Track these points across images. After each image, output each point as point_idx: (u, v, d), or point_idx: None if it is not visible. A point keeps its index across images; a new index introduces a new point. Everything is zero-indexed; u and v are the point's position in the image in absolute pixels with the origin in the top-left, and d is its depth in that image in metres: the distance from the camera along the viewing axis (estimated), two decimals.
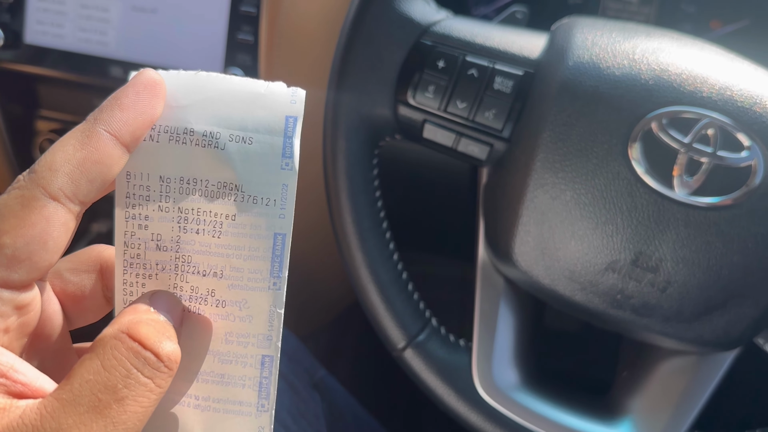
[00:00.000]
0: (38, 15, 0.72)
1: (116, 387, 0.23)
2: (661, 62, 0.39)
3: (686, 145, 0.37)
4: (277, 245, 0.27)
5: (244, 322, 0.27)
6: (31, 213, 0.23)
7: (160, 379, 0.24)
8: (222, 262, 0.27)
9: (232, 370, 0.28)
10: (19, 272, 0.23)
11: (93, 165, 0.24)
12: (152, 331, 0.24)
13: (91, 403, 0.22)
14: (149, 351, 0.23)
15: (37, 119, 0.81)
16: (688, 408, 0.43)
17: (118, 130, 0.25)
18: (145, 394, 0.23)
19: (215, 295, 0.27)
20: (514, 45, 0.42)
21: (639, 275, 0.39)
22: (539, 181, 0.39)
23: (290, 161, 0.27)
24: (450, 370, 0.45)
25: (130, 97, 0.25)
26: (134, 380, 0.23)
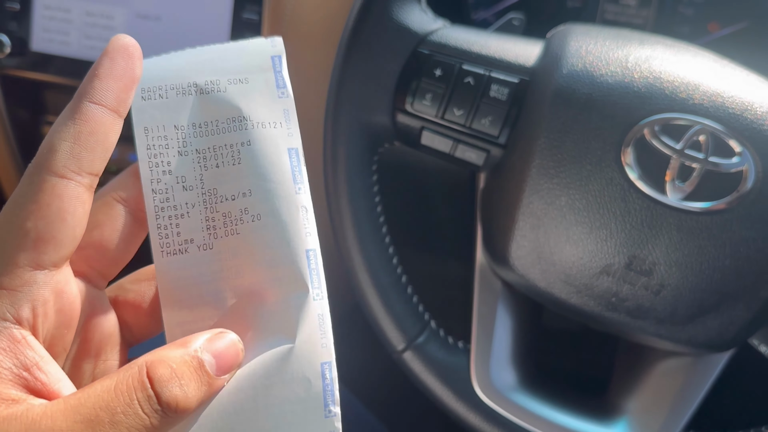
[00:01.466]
0: (44, 23, 0.74)
1: (116, 410, 0.23)
2: (653, 70, 0.39)
3: (678, 151, 0.38)
4: (292, 158, 0.29)
5: (280, 227, 0.29)
6: (44, 195, 0.24)
7: (156, 420, 0.24)
8: (247, 183, 0.29)
9: (282, 272, 0.29)
10: (48, 252, 0.24)
11: (88, 136, 0.25)
12: (167, 373, 0.24)
13: (88, 416, 0.23)
14: (153, 391, 0.24)
15: (44, 125, 0.82)
16: (683, 408, 0.43)
17: (101, 98, 0.26)
18: (139, 428, 0.23)
19: (249, 212, 0.28)
20: (510, 53, 0.43)
21: (633, 278, 0.39)
22: (535, 187, 0.40)
23: (285, 90, 0.30)
24: (448, 371, 0.46)
25: (105, 66, 0.26)
26: (133, 411, 0.23)
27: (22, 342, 0.24)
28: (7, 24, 0.75)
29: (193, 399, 0.25)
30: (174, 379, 0.24)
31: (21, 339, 0.24)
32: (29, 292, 0.24)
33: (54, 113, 0.82)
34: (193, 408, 0.25)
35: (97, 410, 0.23)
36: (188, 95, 0.29)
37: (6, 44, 0.72)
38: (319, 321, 0.29)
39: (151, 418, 0.24)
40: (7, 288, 0.24)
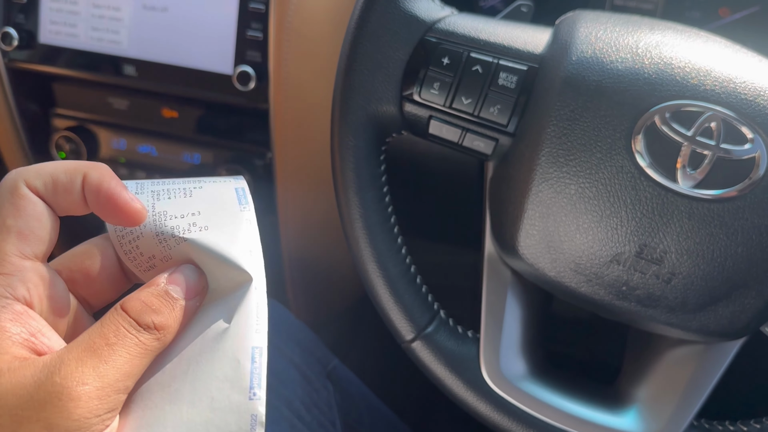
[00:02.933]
0: (52, 15, 0.74)
1: (108, 336, 0.28)
2: (664, 56, 0.39)
3: (689, 138, 0.38)
4: (239, 192, 0.33)
5: (225, 234, 0.32)
6: (21, 199, 0.29)
7: (143, 337, 0.29)
8: (196, 207, 0.32)
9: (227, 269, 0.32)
10: (30, 244, 0.29)
11: (62, 187, 0.30)
12: (138, 305, 0.29)
13: (87, 345, 0.28)
14: (132, 319, 0.29)
15: (53, 117, 0.82)
16: (694, 397, 0.43)
17: (90, 179, 0.30)
18: (132, 344, 0.28)
19: (197, 225, 0.31)
20: (518, 40, 0.42)
21: (643, 267, 0.39)
22: (544, 176, 0.40)
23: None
24: (458, 360, 0.46)
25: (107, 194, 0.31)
26: (122, 334, 0.28)
27: (24, 314, 0.28)
28: (15, 17, 0.75)
29: (169, 319, 0.30)
30: (146, 309, 0.29)
31: (23, 311, 0.28)
32: (21, 276, 0.28)
33: (62, 105, 0.82)
34: (172, 325, 0.30)
35: (93, 339, 0.28)
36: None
37: (14, 37, 0.72)
38: (256, 308, 0.31)
39: (138, 336, 0.28)
40: (2, 273, 0.28)
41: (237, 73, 0.68)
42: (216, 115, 0.77)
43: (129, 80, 0.74)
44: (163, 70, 0.72)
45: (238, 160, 0.76)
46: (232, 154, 0.77)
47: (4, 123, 0.81)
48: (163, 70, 0.72)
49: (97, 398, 0.27)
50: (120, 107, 0.79)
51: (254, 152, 0.77)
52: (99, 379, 0.27)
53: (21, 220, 0.28)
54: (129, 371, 0.28)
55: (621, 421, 0.44)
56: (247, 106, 0.71)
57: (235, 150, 0.77)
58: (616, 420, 0.44)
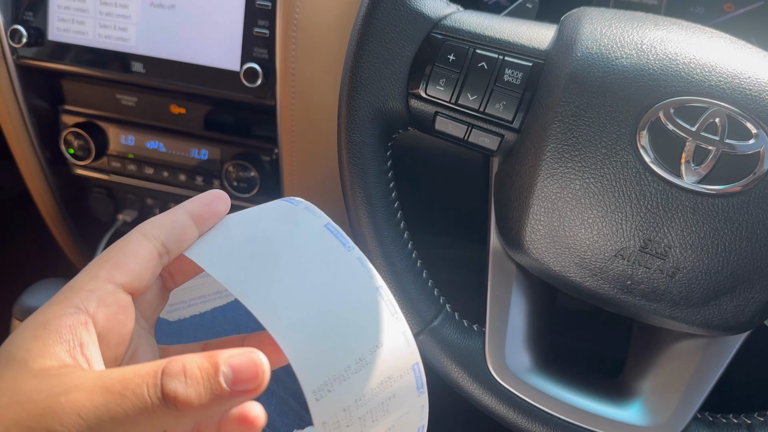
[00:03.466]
0: (60, 13, 0.74)
1: (127, 386, 0.28)
2: (668, 52, 0.39)
3: (694, 134, 0.38)
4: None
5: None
6: (130, 241, 0.33)
7: (157, 406, 0.27)
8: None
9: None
10: (119, 274, 0.32)
11: (179, 229, 0.34)
12: (176, 368, 0.28)
13: (106, 384, 0.28)
14: (161, 380, 0.28)
15: (62, 114, 0.83)
16: (698, 390, 0.44)
17: (196, 213, 0.34)
18: (140, 406, 0.27)
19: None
20: (523, 37, 0.43)
21: (648, 261, 0.40)
22: (549, 171, 0.40)
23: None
24: (464, 354, 0.46)
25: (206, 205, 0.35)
26: (140, 392, 0.28)
27: (84, 325, 0.30)
28: (24, 14, 0.75)
29: (194, 398, 0.27)
30: (180, 376, 0.28)
31: (84, 322, 0.31)
32: (98, 295, 0.31)
33: (71, 102, 0.83)
34: (195, 407, 0.27)
35: (115, 382, 0.28)
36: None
37: (23, 34, 0.73)
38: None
39: (152, 402, 0.27)
40: (84, 289, 0.31)
41: (244, 69, 0.68)
42: (223, 111, 0.77)
43: (137, 77, 0.74)
44: (170, 67, 0.72)
45: (245, 156, 0.77)
46: (239, 149, 0.78)
47: (14, 119, 0.82)
48: (170, 67, 0.72)
49: (87, 429, 0.27)
50: (128, 104, 0.79)
51: (261, 148, 0.77)
52: (95, 419, 0.27)
53: (121, 254, 0.33)
54: (126, 428, 0.28)
55: (625, 414, 0.45)
56: (254, 103, 0.72)
57: (242, 146, 0.78)
58: (621, 412, 0.45)
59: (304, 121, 0.71)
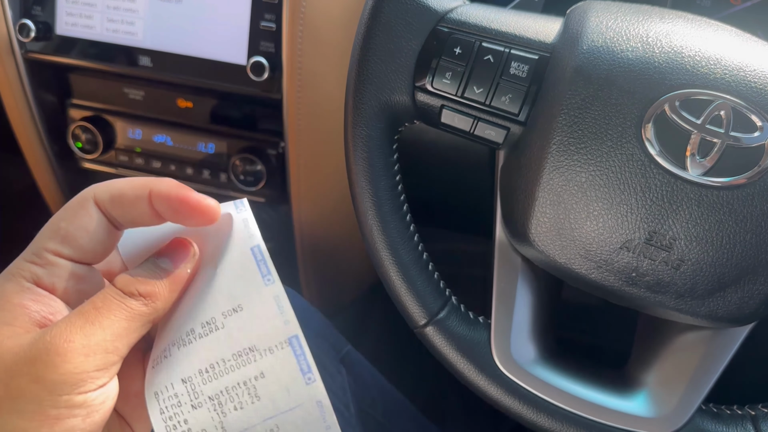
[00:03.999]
0: (68, 7, 0.75)
1: (96, 302, 0.30)
2: (674, 45, 0.39)
3: (699, 126, 0.38)
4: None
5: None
6: (80, 209, 0.32)
7: (129, 302, 0.30)
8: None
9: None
10: (70, 247, 0.31)
11: (130, 197, 0.32)
12: (125, 278, 0.31)
13: (78, 311, 0.30)
14: (118, 289, 0.31)
15: (69, 107, 0.84)
16: (703, 381, 0.44)
17: (158, 190, 0.32)
18: (116, 308, 0.30)
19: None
20: (529, 30, 0.43)
21: (653, 254, 0.40)
22: (555, 164, 0.40)
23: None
24: (469, 345, 0.46)
25: (179, 196, 0.32)
26: (109, 299, 0.30)
27: (46, 296, 0.31)
28: (32, 9, 0.76)
29: (156, 287, 0.31)
30: (132, 281, 0.31)
31: (46, 294, 0.31)
32: (51, 271, 0.31)
33: (78, 95, 0.83)
34: (162, 292, 0.31)
35: (83, 307, 0.30)
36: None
37: (31, 29, 0.74)
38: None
39: (123, 301, 0.30)
40: (35, 263, 0.31)
41: (251, 63, 0.69)
42: (230, 105, 0.78)
43: (144, 71, 0.75)
44: (178, 61, 0.73)
45: (251, 150, 0.77)
46: (245, 143, 0.78)
47: (22, 113, 0.83)
48: (178, 61, 0.73)
49: (83, 354, 0.28)
50: (136, 97, 0.80)
51: (268, 142, 0.77)
52: (85, 337, 0.28)
53: (72, 226, 0.31)
54: (116, 332, 0.29)
55: (630, 405, 0.45)
56: (260, 97, 0.72)
57: (248, 139, 0.78)
58: (625, 404, 0.45)
59: (310, 114, 0.71)
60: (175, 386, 0.29)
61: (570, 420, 0.45)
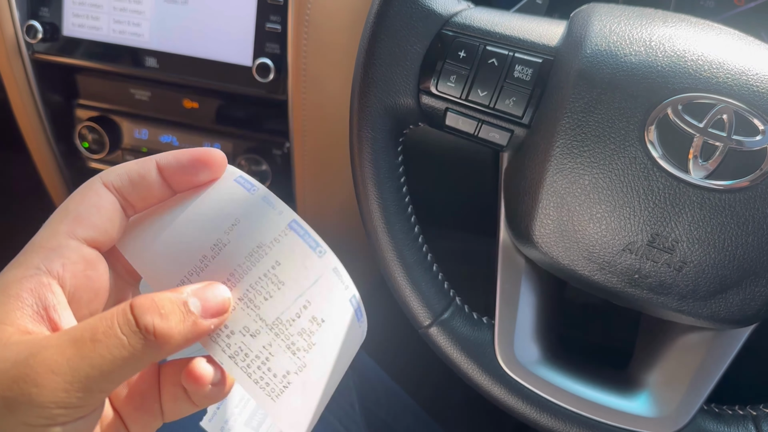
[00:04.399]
0: (75, 8, 0.75)
1: (97, 331, 0.27)
2: (677, 49, 0.40)
3: (701, 130, 0.38)
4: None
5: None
6: (89, 191, 0.31)
7: (134, 340, 0.27)
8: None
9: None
10: (82, 228, 0.30)
11: (139, 179, 0.31)
12: (147, 303, 0.28)
13: (73, 336, 0.27)
14: (132, 316, 0.27)
15: (76, 108, 0.84)
16: (704, 382, 0.44)
17: (166, 163, 0.32)
18: (117, 346, 0.26)
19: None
20: (533, 33, 0.43)
21: (655, 256, 0.40)
22: (558, 167, 0.41)
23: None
24: (473, 346, 0.47)
25: (184, 157, 0.32)
26: (113, 332, 0.27)
27: (47, 286, 0.28)
28: (39, 10, 0.76)
29: (173, 329, 0.28)
30: (154, 309, 0.27)
31: (47, 284, 0.28)
32: (61, 253, 0.29)
33: (85, 96, 0.84)
34: (174, 337, 0.28)
35: (83, 331, 0.27)
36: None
37: (38, 30, 0.74)
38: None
39: (129, 338, 0.27)
40: (45, 247, 0.29)
41: (256, 64, 0.69)
42: (235, 105, 0.78)
43: (150, 72, 0.75)
44: (183, 62, 0.73)
45: (257, 150, 0.78)
46: (251, 144, 0.79)
47: (29, 113, 0.83)
48: (183, 62, 0.73)
49: (63, 391, 0.26)
50: (142, 98, 0.80)
51: (273, 142, 0.78)
52: (71, 372, 0.26)
53: (82, 206, 0.30)
54: (108, 373, 0.26)
55: (632, 405, 0.45)
56: (266, 98, 0.73)
57: (254, 140, 0.79)
58: (628, 404, 0.45)
59: (315, 115, 0.72)
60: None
61: (573, 420, 0.45)
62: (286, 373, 0.29)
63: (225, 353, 0.29)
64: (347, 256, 0.93)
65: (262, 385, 0.29)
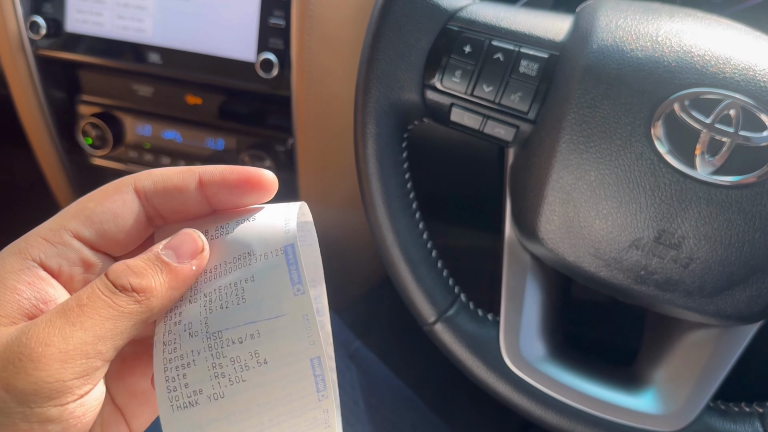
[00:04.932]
0: (78, 4, 0.75)
1: (81, 298, 0.27)
2: (683, 44, 0.39)
3: (708, 126, 0.38)
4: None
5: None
6: (115, 193, 0.29)
7: (118, 299, 0.27)
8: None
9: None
10: (91, 231, 0.29)
11: (168, 187, 0.30)
12: (121, 267, 0.27)
13: (60, 308, 0.26)
14: (109, 281, 0.27)
15: (79, 104, 0.84)
16: (711, 379, 0.44)
17: (210, 178, 0.29)
18: (103, 306, 0.26)
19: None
20: (539, 28, 0.43)
21: (662, 252, 0.40)
22: (564, 162, 0.41)
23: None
24: (478, 343, 0.47)
25: (232, 175, 0.30)
26: (96, 296, 0.27)
27: (45, 281, 0.28)
28: (42, 6, 0.76)
29: (153, 282, 0.27)
30: (127, 271, 0.27)
31: (45, 278, 0.28)
32: (62, 252, 0.28)
33: (88, 92, 0.84)
34: (156, 288, 0.27)
35: (68, 302, 0.27)
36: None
37: (41, 26, 0.74)
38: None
39: (112, 297, 0.27)
40: (47, 240, 0.28)
41: (260, 60, 0.69)
42: (239, 101, 0.78)
43: (154, 68, 0.75)
44: (187, 58, 0.73)
45: (260, 146, 0.78)
46: (254, 139, 0.78)
47: (32, 110, 0.83)
48: (187, 58, 0.73)
49: (59, 361, 0.25)
50: (145, 94, 0.80)
51: (276, 138, 0.78)
52: (64, 341, 0.25)
53: (100, 208, 0.29)
54: (100, 334, 0.26)
55: (638, 402, 0.45)
56: (269, 93, 0.72)
57: (257, 136, 0.79)
58: (634, 401, 0.45)
59: (319, 111, 0.72)
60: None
61: (578, 417, 0.45)
62: (199, 391, 0.27)
63: (162, 337, 0.28)
64: (351, 253, 0.93)
65: (170, 388, 0.27)
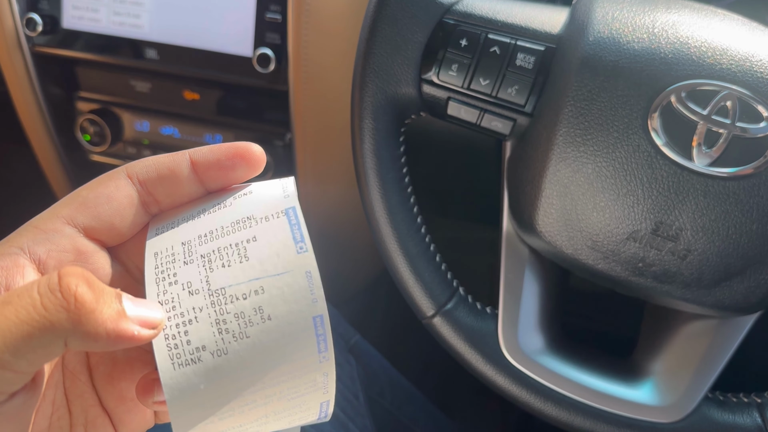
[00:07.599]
0: (74, 1, 0.75)
1: (12, 294, 0.23)
2: (680, 35, 0.39)
3: (705, 117, 0.38)
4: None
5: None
6: (108, 180, 0.29)
7: (48, 300, 0.22)
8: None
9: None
10: (84, 216, 0.28)
11: (166, 172, 0.29)
12: (77, 271, 0.24)
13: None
14: (57, 275, 0.23)
15: (77, 100, 0.84)
16: (709, 370, 0.44)
17: (200, 157, 0.29)
18: (27, 307, 0.22)
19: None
20: (536, 21, 0.43)
21: (659, 244, 0.40)
22: (561, 155, 0.41)
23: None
24: (477, 336, 0.47)
25: (221, 151, 0.30)
26: (28, 292, 0.23)
27: (22, 268, 0.26)
28: (38, 3, 0.76)
29: (97, 304, 0.23)
30: (84, 278, 0.23)
31: (21, 266, 0.26)
32: (52, 237, 0.27)
33: (86, 88, 0.84)
34: (97, 314, 0.23)
35: (6, 294, 0.23)
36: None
37: (38, 23, 0.74)
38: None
39: (43, 297, 0.22)
40: (39, 228, 0.27)
41: (257, 55, 0.69)
42: (236, 96, 0.78)
43: (151, 63, 0.75)
44: (184, 54, 0.73)
45: (258, 141, 0.78)
46: (252, 134, 0.79)
47: (30, 107, 0.83)
48: (184, 54, 0.73)
49: None
50: (142, 90, 0.80)
51: (274, 133, 0.78)
52: None
53: (92, 193, 0.28)
54: (12, 342, 0.22)
55: (637, 394, 0.45)
56: (266, 88, 0.72)
57: (255, 131, 0.79)
58: (632, 392, 0.45)
59: (316, 105, 0.72)
60: (174, 247, 0.28)
61: (577, 408, 0.45)
62: (202, 347, 0.26)
63: (158, 297, 0.27)
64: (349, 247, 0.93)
65: (170, 345, 0.26)
